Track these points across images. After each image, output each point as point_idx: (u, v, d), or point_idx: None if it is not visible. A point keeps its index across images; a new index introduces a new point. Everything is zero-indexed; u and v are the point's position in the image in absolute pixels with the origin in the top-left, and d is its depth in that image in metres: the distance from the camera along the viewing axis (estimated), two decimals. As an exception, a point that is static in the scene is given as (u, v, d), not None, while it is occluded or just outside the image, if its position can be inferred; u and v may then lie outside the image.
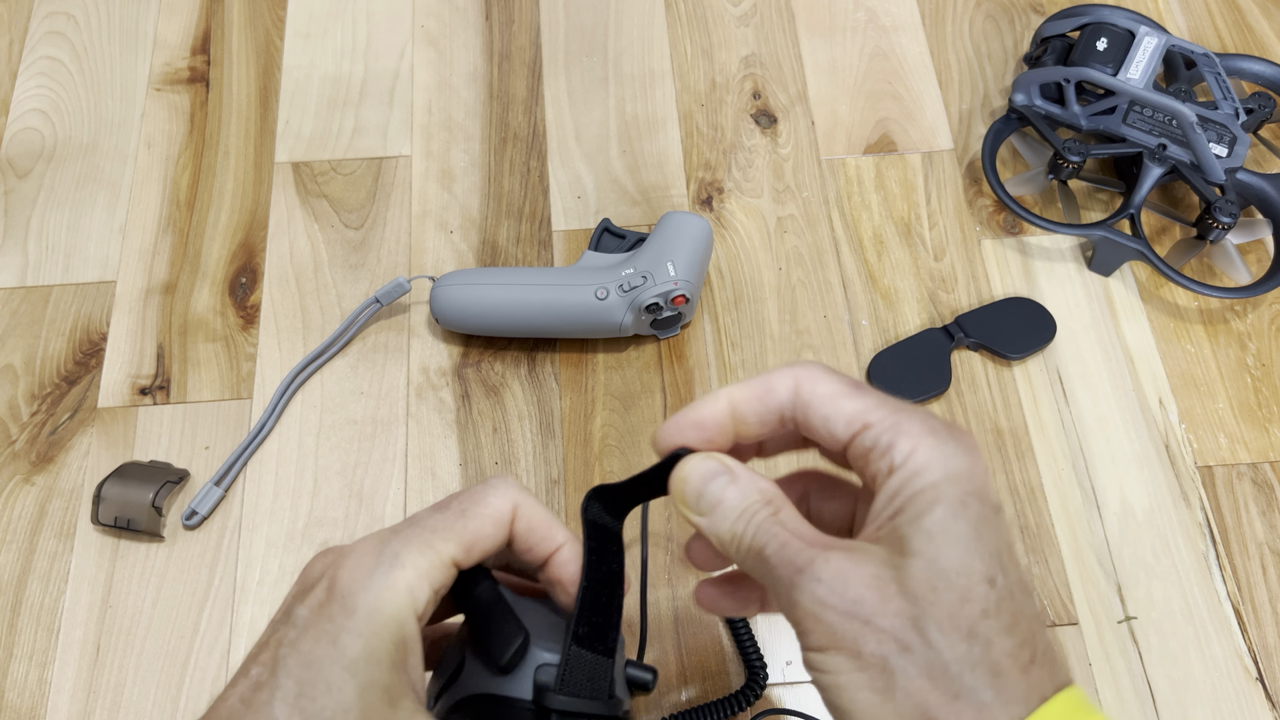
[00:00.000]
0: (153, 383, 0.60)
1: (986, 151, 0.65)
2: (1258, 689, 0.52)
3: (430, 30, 0.72)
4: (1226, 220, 0.60)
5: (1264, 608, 0.54)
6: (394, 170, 0.67)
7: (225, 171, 0.67)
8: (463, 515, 0.33)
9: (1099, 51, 0.63)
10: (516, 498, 0.34)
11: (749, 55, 0.71)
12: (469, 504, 0.33)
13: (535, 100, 0.70)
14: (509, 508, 0.34)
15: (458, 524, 0.32)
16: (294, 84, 0.70)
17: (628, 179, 0.67)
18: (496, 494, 0.34)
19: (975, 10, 0.74)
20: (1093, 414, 0.59)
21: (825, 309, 0.62)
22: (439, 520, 0.33)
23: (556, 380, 0.60)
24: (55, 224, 0.65)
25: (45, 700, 0.52)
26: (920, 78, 0.71)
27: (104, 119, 0.69)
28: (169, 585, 0.55)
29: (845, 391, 0.32)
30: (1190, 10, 0.74)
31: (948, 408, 0.59)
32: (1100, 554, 0.55)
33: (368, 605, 0.30)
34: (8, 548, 0.56)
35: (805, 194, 0.66)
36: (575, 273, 0.58)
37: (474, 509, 0.33)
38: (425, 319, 0.62)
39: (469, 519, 0.33)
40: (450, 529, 0.32)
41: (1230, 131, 0.61)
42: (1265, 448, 0.58)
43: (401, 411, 0.59)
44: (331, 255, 0.64)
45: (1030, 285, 0.63)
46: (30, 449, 0.58)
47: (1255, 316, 0.63)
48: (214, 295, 0.63)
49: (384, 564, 0.31)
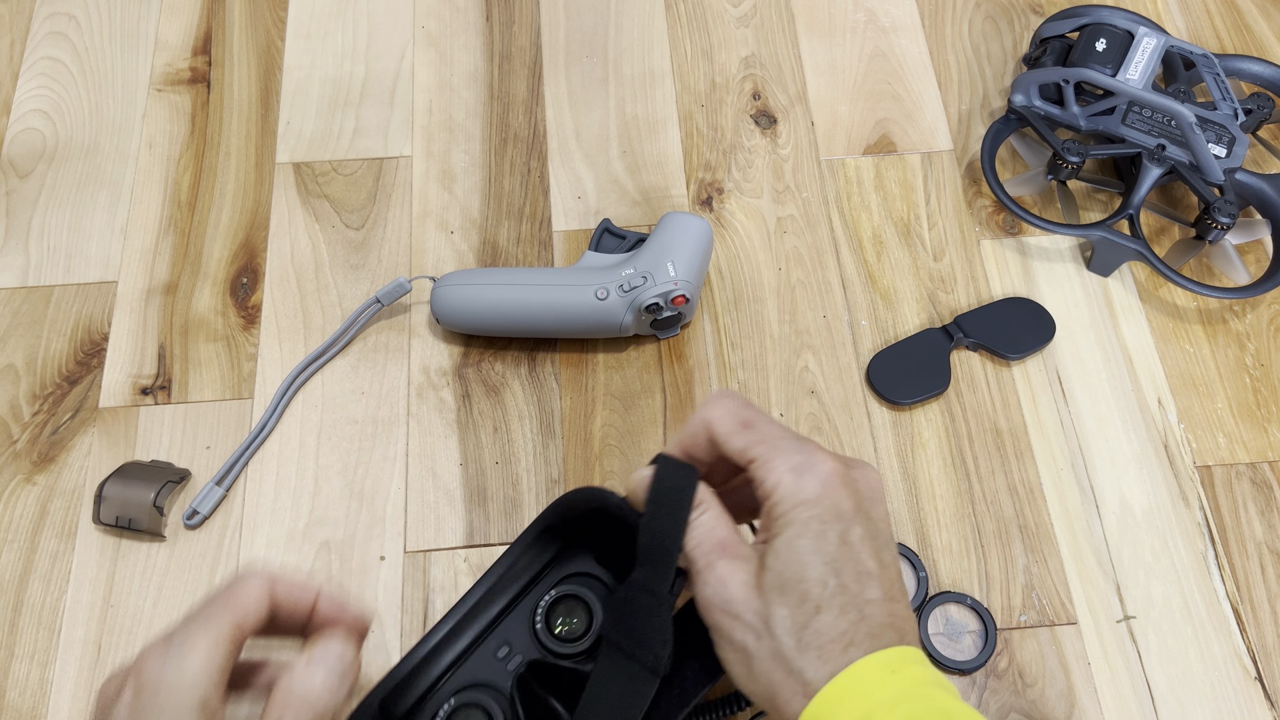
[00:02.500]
0: (154, 383, 0.60)
1: (986, 152, 0.65)
2: (1256, 688, 0.52)
3: (431, 31, 0.72)
4: (1225, 221, 0.60)
5: (1263, 607, 0.54)
6: (395, 170, 0.67)
7: (226, 172, 0.67)
8: (229, 595, 0.39)
9: (1098, 52, 0.63)
10: (268, 572, 0.41)
11: (749, 56, 0.72)
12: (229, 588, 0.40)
13: (535, 101, 0.70)
14: (264, 580, 0.40)
15: (228, 602, 0.39)
16: (295, 84, 0.70)
17: (628, 179, 0.67)
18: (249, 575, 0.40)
19: (974, 11, 0.74)
20: (1092, 414, 0.59)
21: (825, 309, 0.62)
22: (210, 608, 0.39)
23: (557, 380, 0.60)
24: (56, 224, 0.65)
25: (46, 699, 0.52)
26: (920, 78, 0.71)
27: (105, 119, 0.69)
28: (170, 585, 0.55)
29: (736, 430, 0.40)
30: (1189, 11, 0.74)
31: (947, 407, 0.59)
32: (1099, 553, 0.56)
33: (169, 683, 0.36)
34: (9, 547, 0.56)
35: (805, 194, 0.66)
36: (575, 273, 0.58)
37: (236, 588, 0.40)
38: (426, 319, 0.62)
39: (233, 596, 0.39)
40: (223, 608, 0.39)
41: (1229, 132, 0.61)
42: (1264, 447, 0.59)
43: (402, 411, 0.59)
44: (332, 255, 0.64)
45: (1029, 285, 0.63)
46: (32, 449, 0.58)
47: (1254, 317, 0.63)
48: (215, 295, 0.63)
49: (174, 650, 0.37)
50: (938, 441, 0.58)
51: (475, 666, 0.44)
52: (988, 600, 0.54)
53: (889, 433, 0.59)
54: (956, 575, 0.55)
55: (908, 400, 0.59)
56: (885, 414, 0.59)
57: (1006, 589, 0.55)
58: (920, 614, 0.53)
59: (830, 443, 0.58)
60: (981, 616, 0.53)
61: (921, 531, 0.56)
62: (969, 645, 0.53)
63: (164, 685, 0.36)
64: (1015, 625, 0.54)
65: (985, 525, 0.56)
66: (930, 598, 0.54)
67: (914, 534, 0.56)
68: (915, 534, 0.56)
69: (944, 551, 0.56)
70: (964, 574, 0.55)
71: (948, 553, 0.56)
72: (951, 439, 0.59)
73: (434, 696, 0.43)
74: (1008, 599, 0.54)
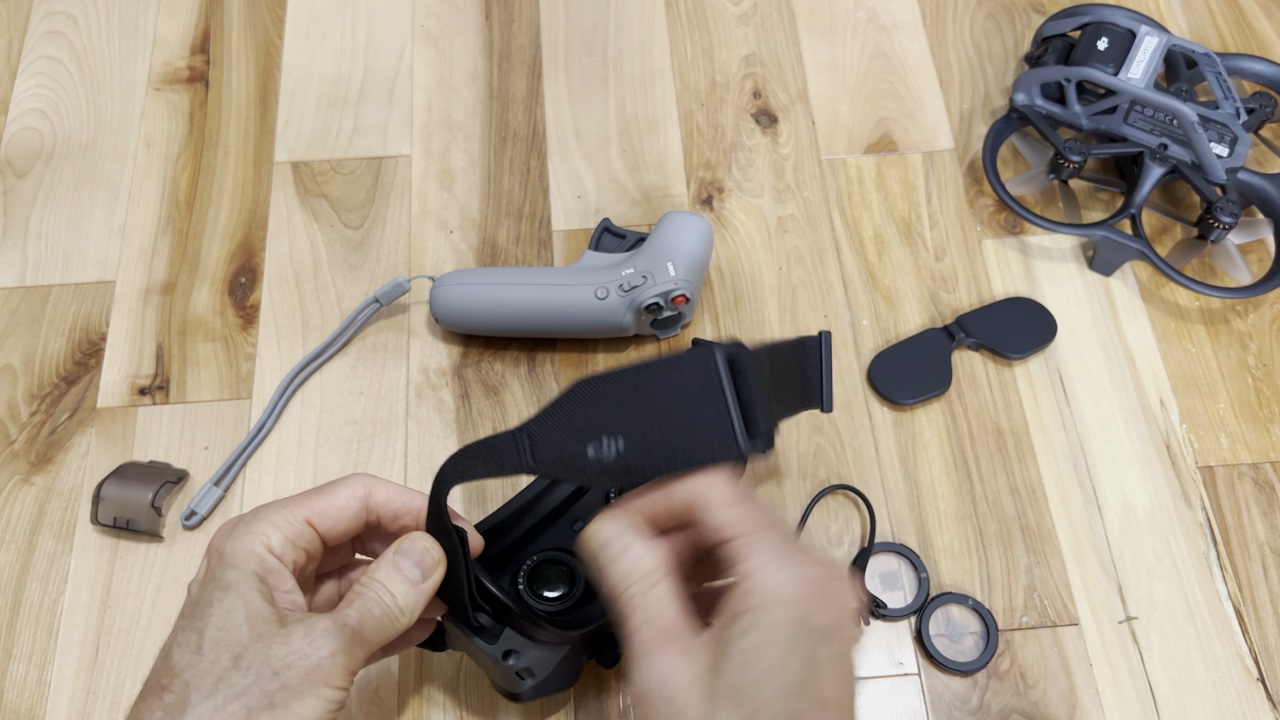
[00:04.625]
0: (152, 383, 0.60)
1: (987, 151, 0.65)
2: (1259, 689, 0.52)
3: (430, 29, 0.72)
4: (1227, 220, 0.60)
5: (1265, 608, 0.54)
6: (394, 170, 0.67)
7: (225, 171, 0.67)
8: (318, 491, 0.41)
9: (1100, 51, 0.63)
10: (367, 481, 0.42)
11: (749, 55, 0.71)
12: (325, 485, 0.41)
13: (535, 100, 0.70)
14: (360, 488, 0.41)
15: (312, 496, 0.41)
16: (293, 83, 0.70)
17: (628, 179, 0.67)
18: (349, 478, 0.42)
19: (976, 10, 0.74)
20: (1094, 414, 0.59)
21: (826, 309, 0.62)
22: (298, 496, 0.41)
23: (556, 380, 0.60)
24: (54, 224, 0.65)
25: (44, 701, 0.52)
26: (921, 77, 0.71)
27: (103, 119, 0.69)
28: (168, 585, 0.54)
29: (733, 502, 0.36)
30: (1191, 10, 0.74)
31: (948, 407, 0.59)
32: (1101, 554, 0.55)
33: (232, 549, 0.38)
34: (7, 548, 0.56)
35: (806, 193, 0.66)
36: (575, 273, 0.58)
37: (328, 488, 0.41)
38: (425, 319, 0.62)
39: (322, 493, 0.41)
40: (305, 499, 0.40)
41: (1231, 131, 0.61)
42: (1266, 448, 0.58)
43: (401, 411, 0.59)
44: (331, 255, 0.64)
45: (1031, 285, 0.63)
46: (29, 449, 0.58)
47: (1256, 316, 0.62)
48: (213, 295, 0.63)
49: (244, 523, 0.39)
50: (939, 442, 0.58)
51: (553, 535, 0.49)
52: (989, 601, 0.54)
53: (890, 433, 0.58)
54: (958, 576, 0.55)
55: (909, 400, 0.59)
56: (886, 414, 0.59)
57: (1008, 590, 0.54)
58: (921, 615, 0.53)
59: (831, 443, 0.58)
60: (983, 617, 0.53)
61: (923, 532, 0.56)
62: (970, 646, 0.53)
63: (225, 552, 0.38)
64: (1017, 626, 0.53)
65: (987, 526, 0.56)
66: (932, 599, 0.54)
67: (915, 535, 0.56)
68: (917, 535, 0.56)
69: (945, 552, 0.55)
70: (965, 575, 0.55)
71: (949, 553, 0.55)
72: (953, 439, 0.58)
73: (520, 554, 0.48)
74: (1009, 600, 0.54)
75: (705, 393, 0.37)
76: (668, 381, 0.38)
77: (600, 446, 0.38)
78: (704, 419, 0.37)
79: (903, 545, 0.55)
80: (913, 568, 0.55)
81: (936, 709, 0.52)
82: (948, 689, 0.52)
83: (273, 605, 0.37)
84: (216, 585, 0.37)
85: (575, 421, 0.38)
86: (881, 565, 0.55)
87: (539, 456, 0.38)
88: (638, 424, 0.38)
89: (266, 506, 0.40)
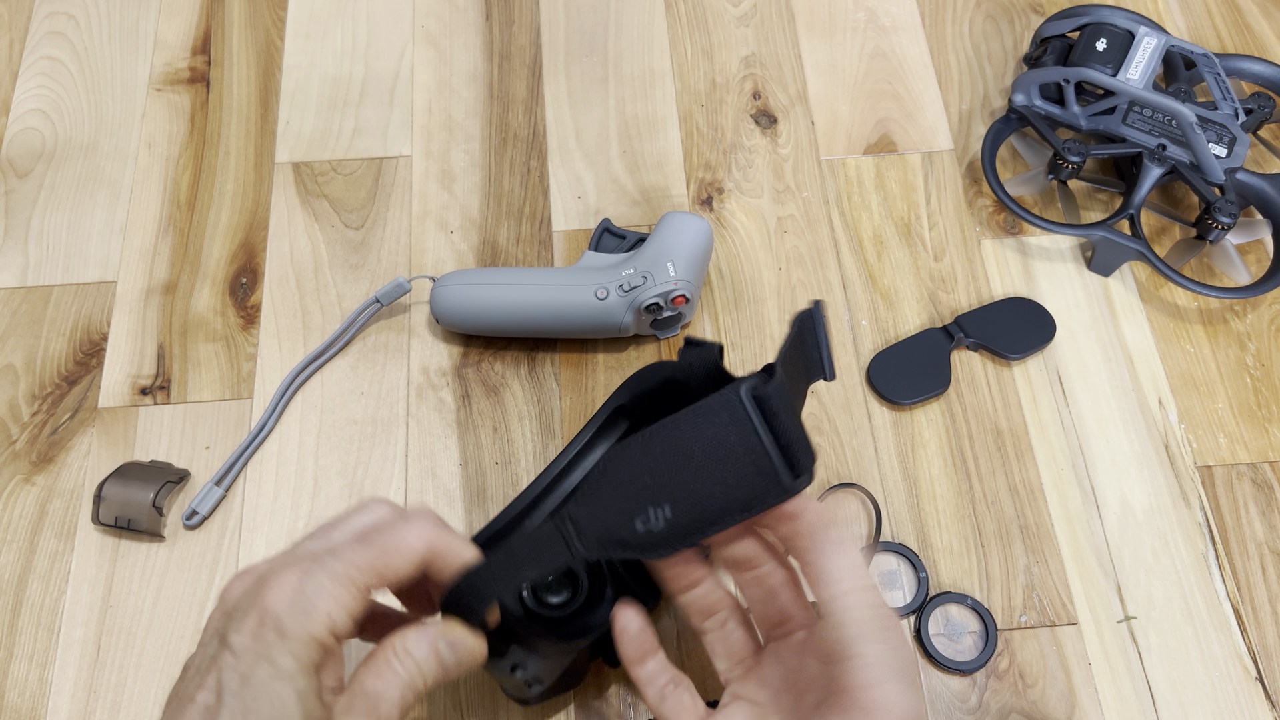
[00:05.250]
0: (153, 383, 0.60)
1: (986, 152, 0.65)
2: (1257, 689, 0.52)
3: (430, 30, 0.72)
4: (1226, 220, 0.60)
5: (1264, 608, 0.54)
6: (394, 170, 0.67)
7: (225, 172, 0.67)
8: (385, 537, 0.37)
9: (1099, 52, 0.63)
10: (431, 537, 0.38)
11: (749, 55, 0.72)
12: (390, 528, 0.38)
13: (535, 100, 0.70)
14: (423, 547, 0.38)
15: (377, 561, 0.37)
16: (294, 84, 0.70)
17: (628, 179, 0.67)
18: (413, 532, 0.38)
19: (975, 10, 0.74)
20: (1092, 414, 0.59)
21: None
22: (360, 545, 0.37)
23: (556, 380, 0.60)
24: (55, 224, 0.65)
25: (45, 700, 0.52)
26: (920, 78, 0.71)
27: (104, 119, 0.69)
28: (169, 585, 0.55)
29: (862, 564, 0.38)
30: (1190, 10, 0.74)
31: (947, 407, 0.59)
32: (1100, 554, 0.55)
33: (293, 627, 0.35)
34: (8, 548, 0.56)
35: (805, 194, 0.66)
36: (575, 273, 0.58)
37: (393, 545, 0.37)
38: (425, 319, 0.62)
39: (388, 556, 0.37)
40: (373, 549, 0.37)
41: (1230, 132, 0.61)
42: (1265, 448, 0.59)
43: (402, 411, 0.59)
44: (332, 255, 0.64)
45: (1030, 285, 0.63)
46: (31, 449, 0.58)
47: (1255, 317, 0.63)
48: (214, 295, 0.63)
49: (305, 590, 0.35)
50: (938, 442, 0.58)
51: None
52: (988, 601, 0.54)
53: (889, 433, 0.59)
54: (957, 575, 0.55)
55: (908, 400, 0.59)
56: (886, 414, 0.59)
57: (1007, 589, 0.55)
58: (921, 614, 0.53)
59: (830, 443, 0.58)
60: (982, 617, 0.53)
61: (922, 531, 0.56)
62: (969, 646, 0.53)
63: (286, 623, 0.35)
64: (1016, 626, 0.54)
65: (986, 525, 0.56)
66: (931, 598, 0.54)
67: (914, 534, 0.56)
68: (916, 534, 0.56)
69: (944, 552, 0.55)
70: (964, 574, 0.55)
71: (948, 553, 0.55)
72: (952, 439, 0.58)
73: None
74: (1008, 599, 0.54)
75: (742, 442, 0.37)
76: (701, 436, 0.37)
77: (648, 519, 0.38)
78: (745, 469, 0.37)
79: (902, 545, 0.55)
80: (912, 567, 0.55)
81: (935, 708, 0.52)
82: (947, 688, 0.52)
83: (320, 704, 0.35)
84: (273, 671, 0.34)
85: (617, 498, 0.38)
86: (881, 564, 0.55)
87: (587, 542, 0.38)
88: (680, 488, 0.37)
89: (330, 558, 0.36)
